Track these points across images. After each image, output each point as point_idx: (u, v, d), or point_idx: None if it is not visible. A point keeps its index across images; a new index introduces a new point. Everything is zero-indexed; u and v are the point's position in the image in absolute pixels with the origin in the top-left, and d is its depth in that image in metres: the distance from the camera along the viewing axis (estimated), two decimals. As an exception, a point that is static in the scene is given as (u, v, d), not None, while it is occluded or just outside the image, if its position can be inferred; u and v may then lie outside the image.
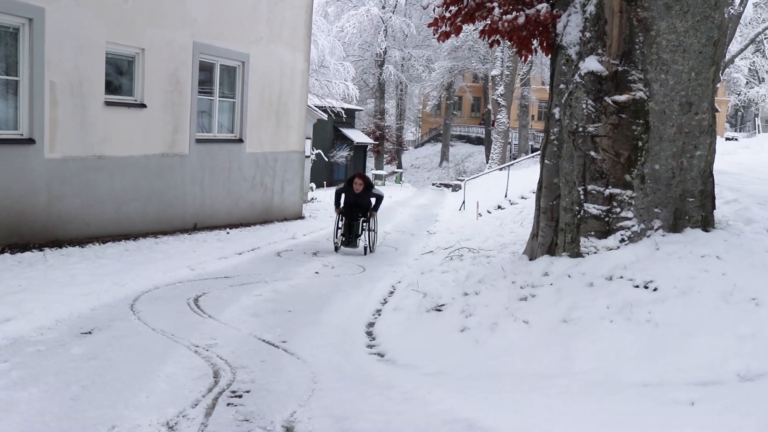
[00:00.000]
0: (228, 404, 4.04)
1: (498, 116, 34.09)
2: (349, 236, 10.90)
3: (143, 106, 10.58)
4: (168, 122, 11.13)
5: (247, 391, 4.28)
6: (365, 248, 11.06)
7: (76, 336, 5.30)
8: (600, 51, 5.73)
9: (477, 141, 55.60)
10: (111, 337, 5.31)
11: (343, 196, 11.17)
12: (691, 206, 5.75)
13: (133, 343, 5.21)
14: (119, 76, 10.41)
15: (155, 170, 10.97)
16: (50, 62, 8.90)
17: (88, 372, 4.47)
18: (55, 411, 3.80)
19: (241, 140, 13.19)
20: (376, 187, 11.70)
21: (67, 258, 8.28)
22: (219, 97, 12.66)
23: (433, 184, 39.74)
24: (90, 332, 5.43)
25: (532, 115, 50.46)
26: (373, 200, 11.35)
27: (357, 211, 10.99)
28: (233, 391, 4.27)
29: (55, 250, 8.78)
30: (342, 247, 10.89)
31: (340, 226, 11.03)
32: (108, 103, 9.91)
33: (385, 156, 48.94)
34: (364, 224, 11.10)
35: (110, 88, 10.09)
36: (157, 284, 7.34)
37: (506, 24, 6.45)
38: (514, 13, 6.48)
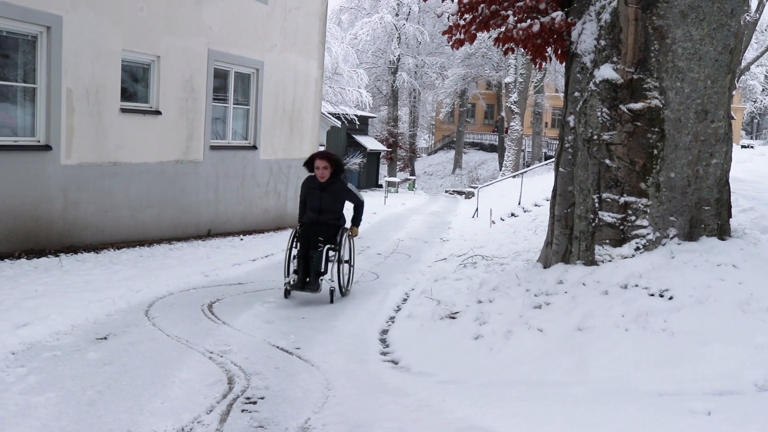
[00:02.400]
0: (243, 411, 4.05)
1: (511, 123, 34.02)
2: (305, 273, 7.16)
3: (158, 113, 10.65)
4: (183, 129, 11.20)
5: (262, 398, 4.29)
6: (331, 292, 7.40)
7: (92, 341, 5.34)
8: (615, 59, 5.71)
9: (490, 148, 55.50)
10: (126, 343, 5.34)
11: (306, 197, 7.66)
12: (707, 214, 5.71)
13: (148, 348, 5.24)
14: (135, 83, 10.49)
15: (170, 177, 11.04)
16: (67, 70, 8.99)
17: (103, 377, 4.50)
18: (71, 416, 3.82)
19: (255, 147, 13.25)
20: (352, 187, 7.87)
21: (83, 264, 8.34)
22: (233, 104, 12.73)
23: (446, 192, 39.70)
24: (105, 338, 5.46)
25: (546, 123, 50.35)
26: (344, 209, 7.77)
27: (319, 228, 7.39)
28: (248, 398, 4.28)
29: (71, 255, 8.84)
30: (295, 291, 7.28)
31: (294, 255, 7.36)
32: (124, 110, 9.99)
33: (398, 163, 49.01)
34: (332, 253, 7.48)
35: (126, 95, 10.17)
36: (171, 290, 7.38)
37: (521, 32, 6.46)
38: (529, 21, 6.48)
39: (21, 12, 8.36)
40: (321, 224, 7.43)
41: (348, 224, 7.84)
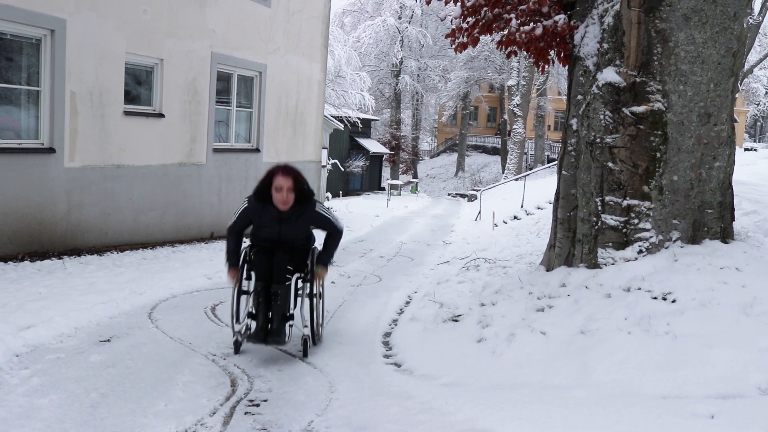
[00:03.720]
0: (246, 413, 4.05)
1: (514, 126, 34.05)
2: (266, 320, 5.18)
3: (162, 115, 10.67)
4: (186, 132, 11.22)
5: (265, 401, 4.30)
6: (304, 341, 5.38)
7: (95, 344, 5.34)
8: (618, 62, 5.72)
9: (493, 151, 55.51)
10: (129, 345, 5.34)
11: (251, 227, 5.43)
12: (710, 217, 5.71)
13: (151, 351, 5.24)
14: (138, 86, 10.51)
15: (173, 179, 11.06)
16: (71, 72, 9.01)
17: (107, 380, 4.50)
18: (74, 418, 3.83)
19: (257, 150, 13.26)
20: (325, 210, 5.52)
21: (86, 266, 8.35)
22: (236, 107, 12.75)
23: (449, 194, 39.71)
24: (109, 340, 5.47)
25: (548, 126, 50.39)
26: (314, 235, 5.68)
27: (283, 251, 5.30)
28: (251, 400, 4.29)
29: (74, 258, 8.86)
30: (250, 342, 5.17)
31: (247, 292, 5.38)
32: (127, 113, 10.01)
33: (400, 166, 49.03)
34: (302, 284, 5.49)
35: (129, 97, 10.20)
36: (174, 293, 7.38)
37: (524, 35, 6.48)
38: (532, 24, 6.50)
39: (25, 15, 8.38)
40: (284, 244, 5.32)
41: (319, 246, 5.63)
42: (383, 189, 39.62)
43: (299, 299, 5.42)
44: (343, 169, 34.92)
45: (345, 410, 4.13)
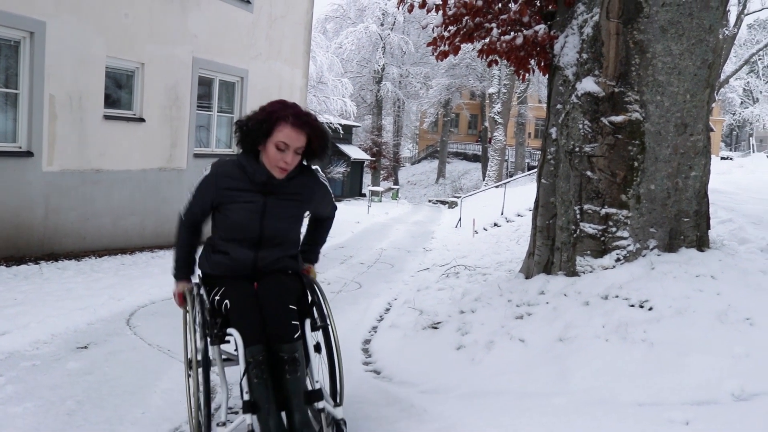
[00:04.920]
0: (225, 421, 4.02)
1: (495, 134, 34.23)
2: (281, 409, 3.16)
3: (142, 120, 10.62)
4: (166, 136, 11.17)
5: (243, 408, 4.27)
6: (338, 424, 3.25)
7: (72, 350, 5.30)
8: (597, 72, 5.78)
9: (474, 158, 55.74)
10: (107, 352, 5.30)
11: (213, 217, 3.61)
12: (686, 226, 5.78)
13: (129, 358, 5.21)
14: (119, 90, 10.46)
15: (153, 184, 10.99)
16: (50, 76, 8.94)
17: (83, 387, 4.46)
18: (50, 426, 3.79)
19: (238, 155, 13.20)
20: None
21: (63, 271, 8.28)
22: (218, 112, 12.71)
23: (430, 201, 39.79)
24: (86, 347, 5.42)
25: (529, 133, 50.67)
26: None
27: (280, 293, 3.30)
28: (229, 408, 4.26)
29: (51, 263, 8.77)
30: None
31: (233, 359, 3.46)
32: (107, 117, 9.95)
33: (381, 172, 49.05)
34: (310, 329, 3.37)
35: (109, 101, 10.14)
36: (153, 299, 7.33)
37: (504, 44, 6.53)
38: (513, 33, 6.56)
39: (4, 17, 8.32)
40: (268, 247, 3.44)
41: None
42: (364, 195, 39.62)
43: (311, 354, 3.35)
44: (324, 175, 34.87)
45: (324, 417, 4.12)
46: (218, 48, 12.17)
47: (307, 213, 3.71)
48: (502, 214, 18.30)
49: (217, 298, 3.39)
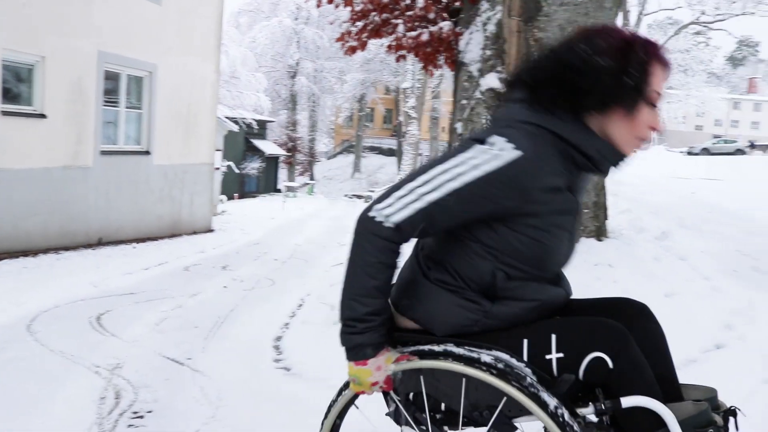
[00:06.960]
0: (129, 426, 3.96)
1: (409, 128, 34.59)
2: None
3: (43, 116, 10.22)
4: (71, 133, 10.79)
5: (150, 411, 4.21)
6: None
7: (-32, 358, 5.08)
8: (499, 68, 5.96)
9: (389, 152, 56.17)
10: (4, 360, 5.10)
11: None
12: (586, 217, 6.05)
13: (30, 365, 5.03)
14: (19, 84, 10.03)
15: (57, 183, 10.61)
16: (-59, 70, 8.52)
17: (-20, 396, 4.30)
18: (-57, 439, 3.64)
19: (148, 152, 12.91)
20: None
21: (-41, 275, 7.91)
22: (125, 107, 12.37)
23: (346, 195, 39.91)
24: (-17, 354, 5.21)
25: (443, 128, 51.29)
26: None
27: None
28: (135, 412, 4.19)
29: (-54, 267, 8.37)
30: None
31: None
32: (5, 113, 9.54)
33: (297, 167, 48.81)
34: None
35: (8, 96, 9.72)
36: (57, 303, 7.09)
37: (411, 40, 6.65)
38: (419, 30, 6.67)
39: None
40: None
41: None
42: (279, 191, 39.34)
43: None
44: (238, 171, 34.38)
45: (232, 418, 4.11)
46: (125, 41, 11.84)
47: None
48: (416, 208, 18.52)
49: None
